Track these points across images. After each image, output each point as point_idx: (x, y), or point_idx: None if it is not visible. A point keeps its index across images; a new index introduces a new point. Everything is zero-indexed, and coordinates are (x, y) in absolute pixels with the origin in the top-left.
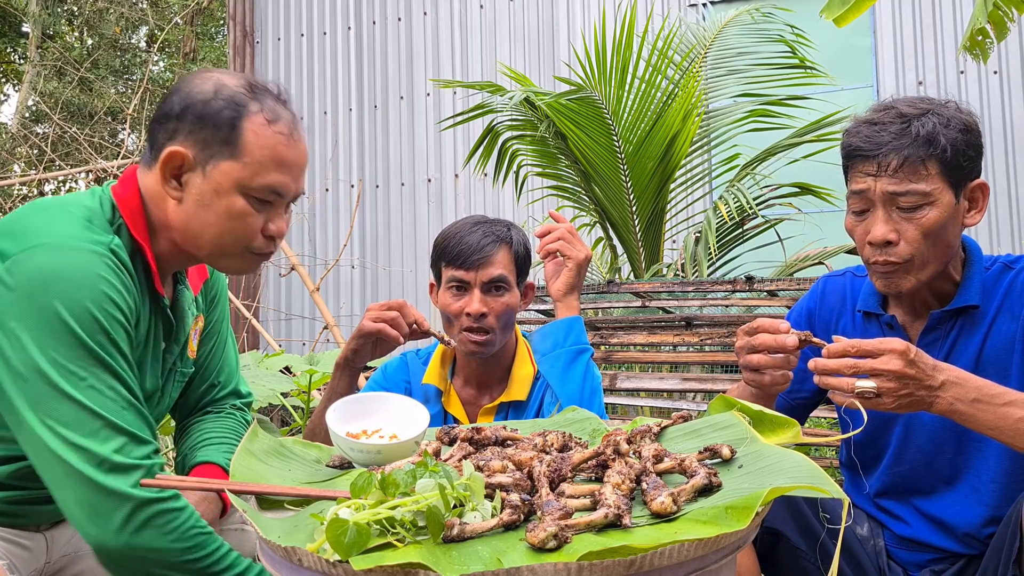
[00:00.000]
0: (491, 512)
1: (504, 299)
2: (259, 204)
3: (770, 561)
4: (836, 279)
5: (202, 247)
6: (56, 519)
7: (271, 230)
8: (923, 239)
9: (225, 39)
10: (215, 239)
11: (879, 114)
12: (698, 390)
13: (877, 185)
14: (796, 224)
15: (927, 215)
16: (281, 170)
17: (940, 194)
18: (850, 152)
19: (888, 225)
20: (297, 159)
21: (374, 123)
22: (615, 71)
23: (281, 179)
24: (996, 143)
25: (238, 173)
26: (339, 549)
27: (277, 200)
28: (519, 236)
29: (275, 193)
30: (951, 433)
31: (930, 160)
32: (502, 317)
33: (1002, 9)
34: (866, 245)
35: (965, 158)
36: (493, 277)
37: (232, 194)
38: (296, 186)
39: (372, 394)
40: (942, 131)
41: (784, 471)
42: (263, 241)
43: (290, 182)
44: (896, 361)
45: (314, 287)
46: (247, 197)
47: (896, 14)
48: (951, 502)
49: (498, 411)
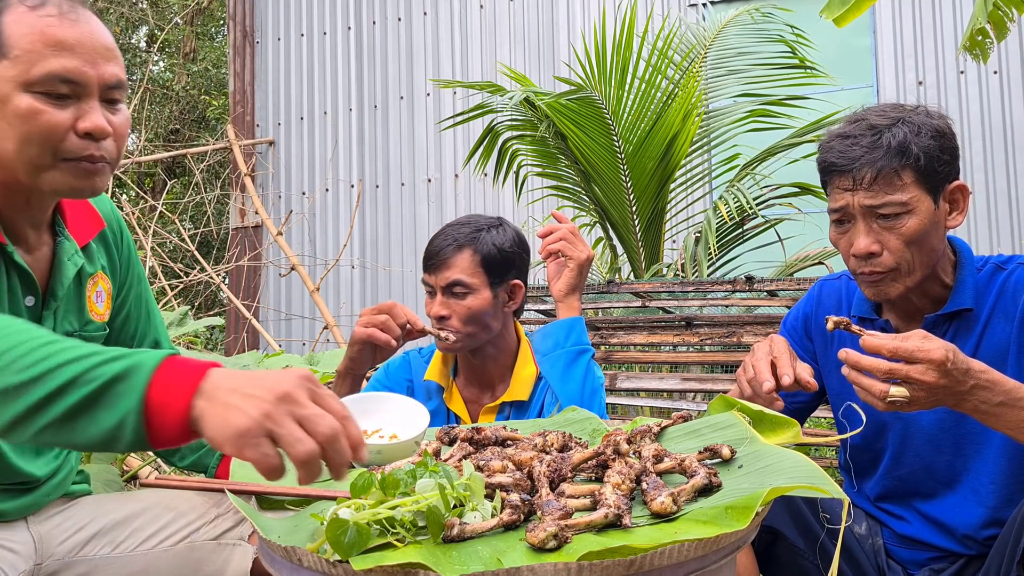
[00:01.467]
0: (491, 512)
1: (465, 302)
2: (53, 99)
3: (769, 560)
4: (832, 283)
5: (12, 167)
6: (36, 509)
7: (83, 126)
8: (906, 247)
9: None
10: (18, 152)
11: (851, 127)
12: (698, 390)
13: (855, 199)
14: (796, 224)
15: (907, 224)
16: (60, 54)
17: (917, 202)
18: (825, 168)
19: (870, 237)
20: (80, 39)
21: (374, 123)
22: (615, 71)
23: (63, 63)
24: (996, 143)
25: (10, 71)
26: (339, 549)
27: (76, 90)
28: (496, 236)
29: (65, 81)
30: (949, 435)
31: (904, 170)
32: (466, 319)
33: (1002, 9)
34: (851, 257)
35: (940, 163)
36: (450, 281)
37: (15, 95)
38: (95, 70)
39: (372, 394)
40: (913, 140)
41: (784, 471)
42: (79, 142)
43: (79, 65)
44: (932, 373)
45: (314, 287)
46: (32, 94)
47: (896, 14)
48: (951, 504)
49: (500, 410)
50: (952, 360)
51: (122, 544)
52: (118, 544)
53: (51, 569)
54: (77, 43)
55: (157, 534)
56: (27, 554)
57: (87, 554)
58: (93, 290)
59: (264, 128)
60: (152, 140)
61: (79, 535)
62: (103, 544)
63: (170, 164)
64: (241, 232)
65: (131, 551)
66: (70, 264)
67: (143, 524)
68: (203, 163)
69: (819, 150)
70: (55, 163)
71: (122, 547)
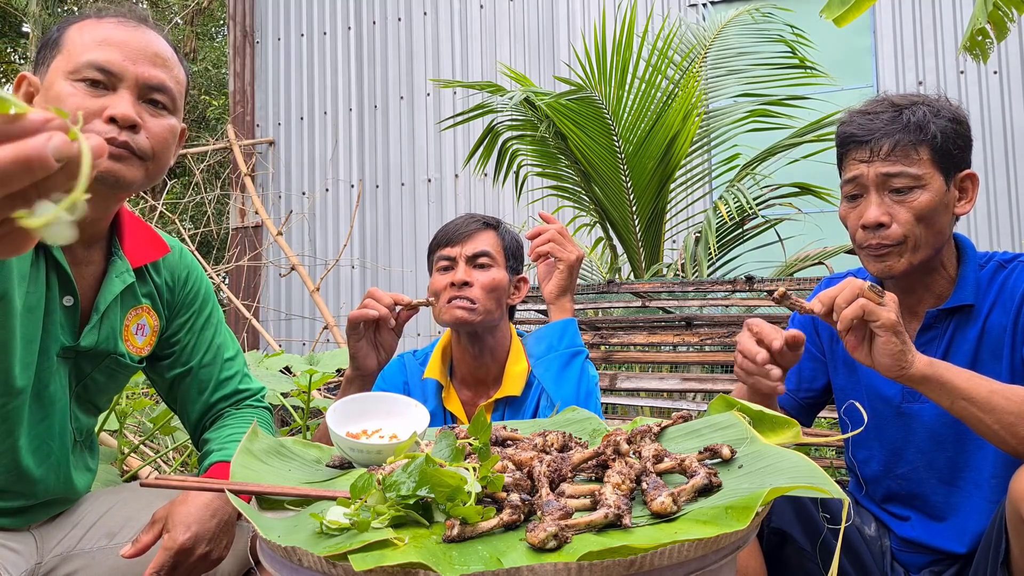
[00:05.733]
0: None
1: (489, 273)
2: (88, 86)
3: (777, 562)
4: (838, 281)
5: None
6: (44, 518)
7: (109, 112)
8: (915, 221)
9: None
10: None
11: (872, 105)
12: (698, 390)
13: (870, 170)
14: (796, 224)
15: (919, 198)
16: (103, 48)
17: (931, 179)
18: (844, 140)
19: (881, 208)
20: (127, 40)
21: (374, 123)
22: (615, 71)
23: (103, 55)
24: (996, 143)
25: (61, 63)
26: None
27: (111, 80)
28: (508, 228)
29: (100, 69)
30: (950, 431)
31: (921, 146)
32: (488, 291)
33: (1002, 9)
34: (859, 229)
35: (955, 146)
36: (477, 251)
37: (57, 82)
38: (135, 67)
39: (372, 394)
40: (932, 119)
41: (784, 471)
42: (104, 126)
43: (119, 59)
44: (853, 285)
45: (314, 287)
46: (72, 82)
47: (896, 14)
48: (955, 501)
49: (495, 408)
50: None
51: (118, 535)
52: (114, 535)
53: (51, 566)
54: (123, 43)
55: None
56: (28, 553)
57: (84, 547)
58: (135, 321)
59: (264, 128)
60: None
61: (76, 531)
62: (99, 536)
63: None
64: (241, 232)
65: (127, 541)
66: (118, 280)
67: (137, 513)
68: (203, 163)
69: (839, 126)
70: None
71: (118, 538)
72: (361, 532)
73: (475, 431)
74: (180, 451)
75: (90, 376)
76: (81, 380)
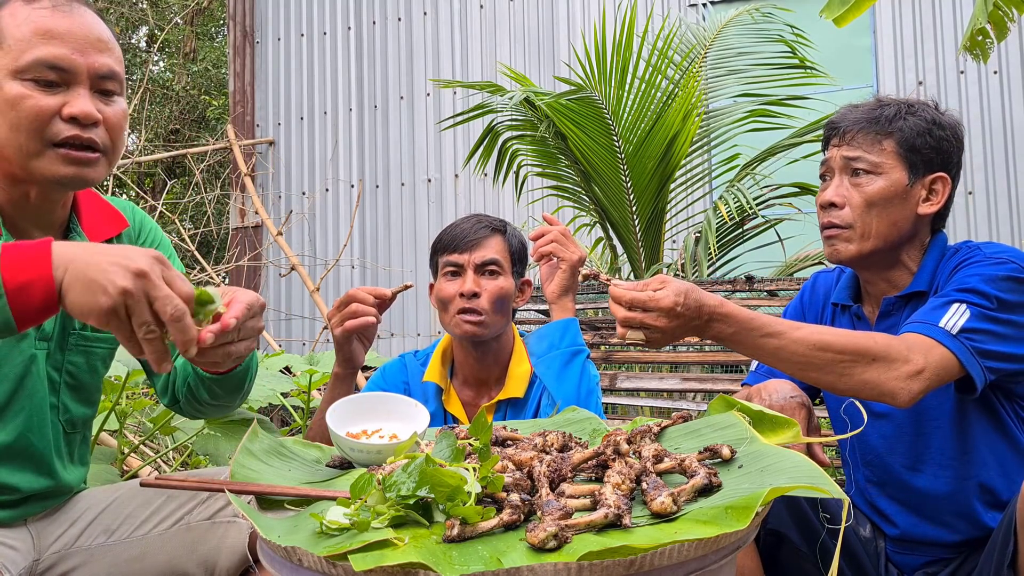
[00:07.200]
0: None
1: (498, 282)
2: (41, 86)
3: (773, 563)
4: (827, 274)
5: (6, 155)
6: (39, 511)
7: (68, 111)
8: (865, 207)
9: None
10: (8, 139)
11: (863, 102)
12: (698, 390)
13: (838, 153)
14: (796, 224)
15: (872, 184)
16: (49, 42)
17: (890, 169)
18: (826, 128)
19: (837, 190)
20: (70, 29)
21: (374, 123)
22: (615, 71)
23: (51, 51)
24: (996, 143)
25: (4, 60)
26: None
27: (64, 77)
28: (514, 231)
29: (52, 68)
30: (908, 414)
31: (887, 137)
32: (496, 301)
33: (1002, 9)
34: (819, 210)
35: (926, 146)
36: (486, 259)
37: (5, 83)
38: (85, 59)
39: (372, 394)
40: (905, 115)
41: (784, 471)
42: (64, 126)
43: (68, 53)
44: (663, 319)
45: (314, 287)
46: (21, 81)
47: (896, 14)
48: (922, 486)
49: (496, 409)
50: (683, 303)
51: (116, 532)
52: (112, 532)
53: (49, 563)
54: (67, 32)
55: (150, 519)
56: (26, 550)
57: (82, 545)
58: None
59: (264, 128)
60: (152, 140)
61: (73, 528)
62: (97, 533)
63: (170, 164)
64: (241, 232)
65: (126, 538)
66: None
67: (135, 510)
68: (203, 163)
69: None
70: (44, 149)
71: (116, 535)
72: (361, 532)
73: (476, 432)
74: (180, 451)
75: (68, 360)
76: (61, 368)
